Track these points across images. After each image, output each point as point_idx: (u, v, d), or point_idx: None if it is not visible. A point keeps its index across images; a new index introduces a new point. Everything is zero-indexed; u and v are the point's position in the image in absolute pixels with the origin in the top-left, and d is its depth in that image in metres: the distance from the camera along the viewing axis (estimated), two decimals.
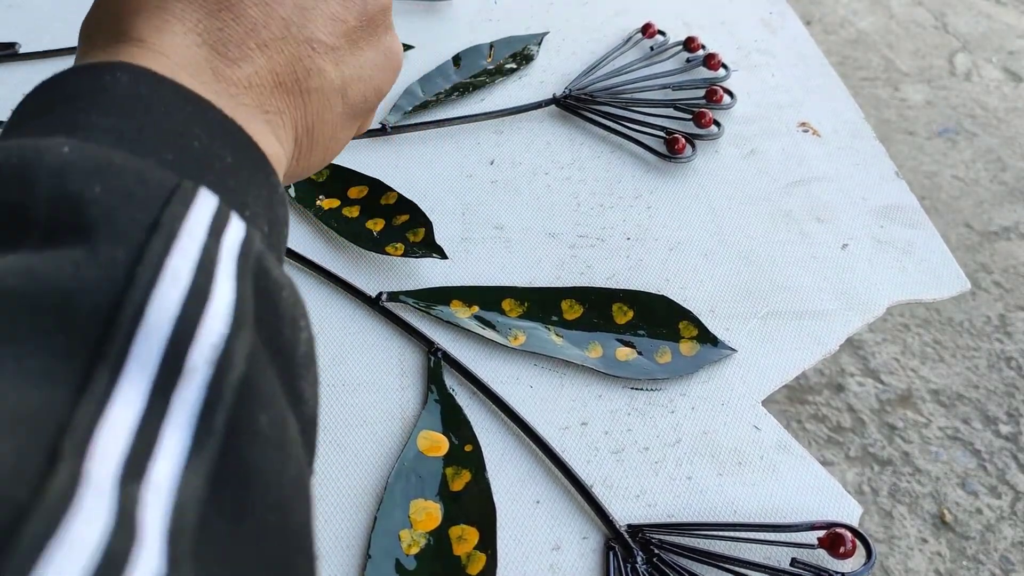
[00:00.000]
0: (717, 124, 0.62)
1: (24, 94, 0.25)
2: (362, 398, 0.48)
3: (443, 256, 0.53)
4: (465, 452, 0.45)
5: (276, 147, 0.28)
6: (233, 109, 0.26)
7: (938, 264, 0.56)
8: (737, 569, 0.40)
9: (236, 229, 0.21)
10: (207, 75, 0.26)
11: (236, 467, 0.18)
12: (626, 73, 0.67)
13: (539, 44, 0.71)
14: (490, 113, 0.64)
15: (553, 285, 0.53)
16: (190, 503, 0.17)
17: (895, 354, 1.34)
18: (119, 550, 0.15)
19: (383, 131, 0.62)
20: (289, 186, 0.57)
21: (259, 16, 0.28)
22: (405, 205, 0.56)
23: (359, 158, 0.61)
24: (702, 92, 0.65)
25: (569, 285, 0.53)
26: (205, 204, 0.21)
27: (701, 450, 0.46)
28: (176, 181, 0.21)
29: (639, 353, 0.49)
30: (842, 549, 0.40)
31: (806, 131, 0.64)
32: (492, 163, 0.61)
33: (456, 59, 0.69)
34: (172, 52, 0.26)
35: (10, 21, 0.73)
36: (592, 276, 0.54)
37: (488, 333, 0.50)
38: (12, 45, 0.69)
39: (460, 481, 0.44)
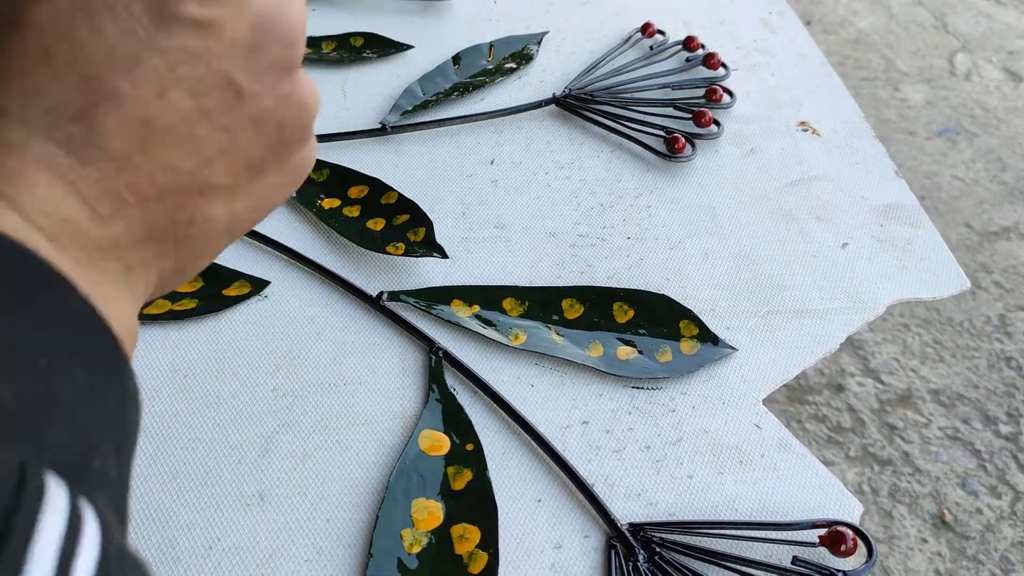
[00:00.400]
0: (717, 123, 0.62)
1: None
2: (363, 397, 0.48)
3: (444, 255, 0.53)
4: (466, 451, 0.45)
5: (131, 313, 0.24)
6: (90, 275, 0.22)
7: (938, 263, 0.56)
8: (738, 567, 0.40)
9: (91, 541, 0.18)
10: (68, 236, 0.22)
11: None
12: (626, 73, 0.67)
13: (539, 44, 0.71)
14: (490, 113, 0.64)
15: (554, 284, 0.53)
16: None
17: (895, 354, 1.34)
18: None
19: (383, 131, 0.62)
20: None
21: (146, 165, 0.23)
22: (405, 205, 0.56)
23: (359, 158, 0.61)
24: (702, 91, 0.65)
25: (570, 284, 0.53)
26: (55, 510, 0.17)
27: (702, 449, 0.46)
28: (18, 472, 0.17)
29: (640, 352, 0.49)
30: (843, 547, 0.40)
31: (806, 130, 0.64)
32: (492, 163, 0.61)
33: (456, 59, 0.69)
34: (30, 206, 0.21)
35: None
36: (592, 275, 0.54)
37: (489, 332, 0.50)
38: None
39: (461, 480, 0.44)
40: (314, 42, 0.71)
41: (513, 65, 0.69)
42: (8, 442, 0.17)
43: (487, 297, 0.52)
